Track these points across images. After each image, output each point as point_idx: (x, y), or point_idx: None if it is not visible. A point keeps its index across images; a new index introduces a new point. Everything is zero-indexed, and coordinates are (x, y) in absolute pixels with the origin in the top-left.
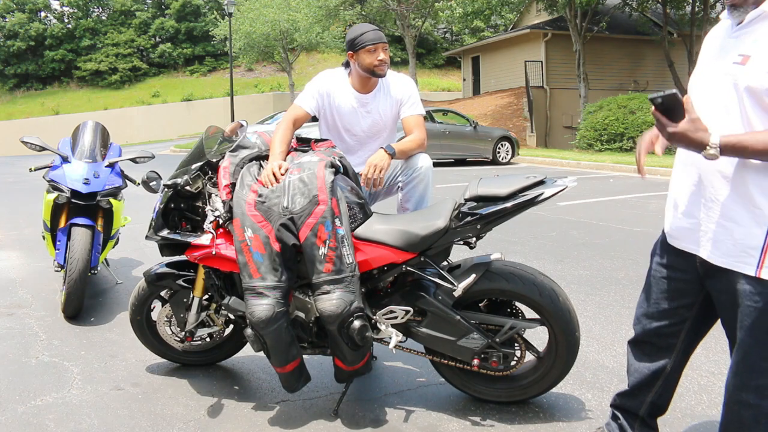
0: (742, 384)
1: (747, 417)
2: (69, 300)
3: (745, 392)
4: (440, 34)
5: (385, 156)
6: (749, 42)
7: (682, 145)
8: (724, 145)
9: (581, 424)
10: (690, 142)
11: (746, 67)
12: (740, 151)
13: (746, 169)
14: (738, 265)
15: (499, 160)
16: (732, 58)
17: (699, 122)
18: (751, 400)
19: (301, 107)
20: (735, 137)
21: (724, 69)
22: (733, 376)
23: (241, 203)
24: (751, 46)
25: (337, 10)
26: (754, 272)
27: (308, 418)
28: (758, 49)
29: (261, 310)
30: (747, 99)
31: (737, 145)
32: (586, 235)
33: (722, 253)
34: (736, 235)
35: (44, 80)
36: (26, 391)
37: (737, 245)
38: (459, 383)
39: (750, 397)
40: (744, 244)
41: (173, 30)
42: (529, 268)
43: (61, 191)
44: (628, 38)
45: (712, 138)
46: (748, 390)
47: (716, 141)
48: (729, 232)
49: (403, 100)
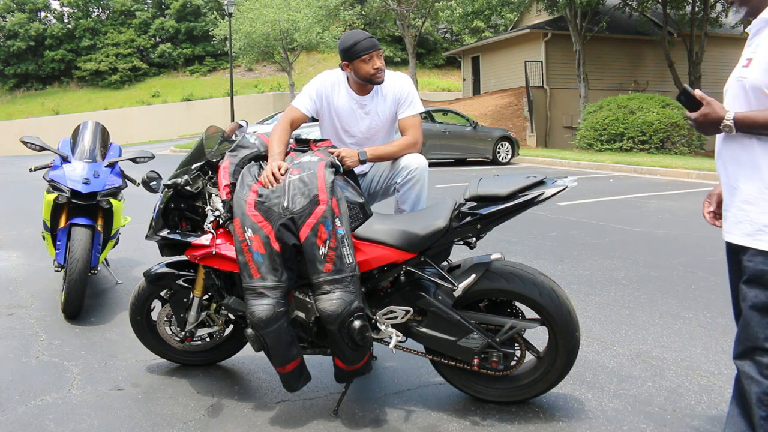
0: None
1: (751, 391)
2: (69, 300)
3: (747, 365)
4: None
5: (356, 156)
6: (754, 47)
7: (705, 125)
8: (737, 119)
9: (581, 424)
10: (710, 120)
11: (749, 69)
12: (751, 124)
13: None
14: (753, 242)
15: (499, 160)
16: (741, 63)
17: (715, 103)
18: (753, 374)
19: (298, 109)
20: (747, 112)
21: (737, 73)
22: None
23: (242, 203)
24: (755, 50)
25: (337, 10)
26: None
27: (308, 418)
28: (759, 51)
29: (261, 310)
30: (753, 97)
31: (748, 118)
32: (586, 235)
33: (740, 232)
34: (752, 215)
35: (44, 80)
36: (26, 391)
37: (753, 224)
38: (459, 383)
39: (752, 370)
40: (759, 222)
41: (173, 30)
42: (529, 268)
43: (61, 191)
44: (628, 38)
45: (727, 114)
46: (751, 363)
47: (731, 116)
48: (746, 213)
49: (400, 100)
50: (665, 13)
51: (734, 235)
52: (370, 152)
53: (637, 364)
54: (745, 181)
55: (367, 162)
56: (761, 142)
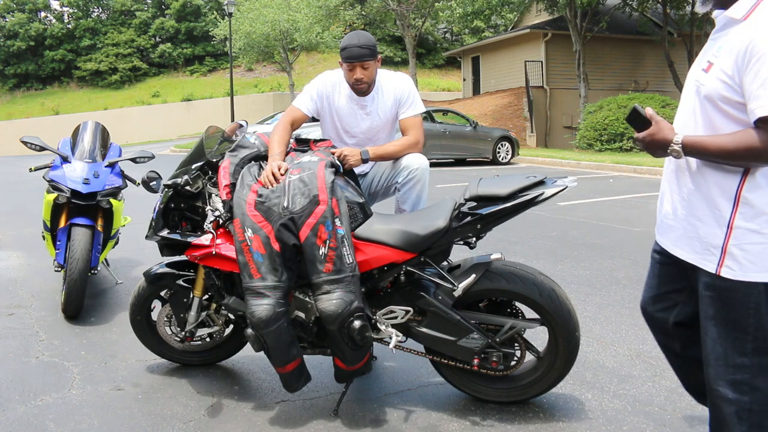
0: (717, 376)
1: (729, 413)
2: (69, 300)
3: (722, 386)
4: (440, 34)
5: (358, 155)
6: (716, 49)
7: (653, 146)
8: (685, 144)
9: (581, 424)
10: (657, 142)
11: (708, 75)
12: (701, 151)
13: (709, 171)
14: (702, 262)
15: (499, 160)
16: (701, 64)
17: (663, 123)
18: (730, 395)
19: (299, 109)
20: (697, 138)
21: (695, 74)
22: (707, 367)
23: (242, 203)
24: (716, 54)
25: (337, 10)
26: (714, 270)
27: (308, 418)
28: (720, 56)
29: (261, 310)
30: (708, 105)
31: (698, 144)
32: (586, 235)
33: (691, 250)
34: (701, 233)
35: (44, 80)
36: (26, 391)
37: (702, 243)
38: (459, 383)
39: (728, 392)
40: (707, 242)
41: (173, 30)
42: (529, 268)
43: (61, 191)
44: (628, 38)
45: (675, 138)
46: (725, 384)
47: (679, 140)
48: (696, 229)
49: (401, 101)
50: (665, 13)
51: (680, 248)
52: (373, 151)
53: (637, 364)
54: (698, 197)
55: (369, 161)
56: (713, 167)
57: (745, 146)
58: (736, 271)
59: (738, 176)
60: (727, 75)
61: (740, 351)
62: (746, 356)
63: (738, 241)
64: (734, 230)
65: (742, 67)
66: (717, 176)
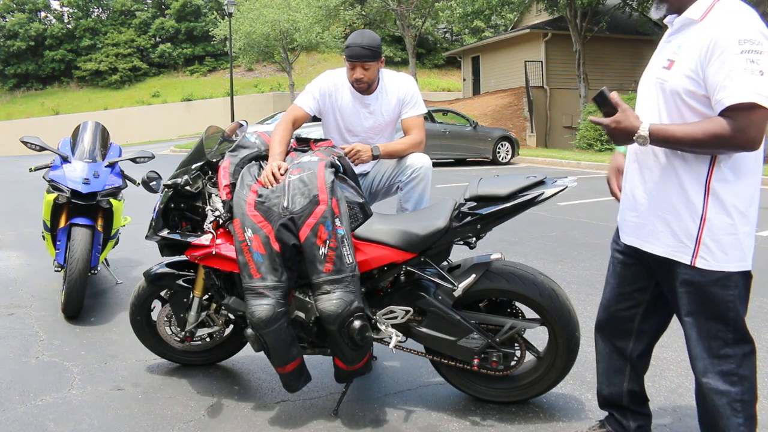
0: (705, 369)
1: (722, 405)
2: (69, 300)
3: (712, 378)
4: (440, 34)
5: (369, 151)
6: (675, 47)
7: (617, 134)
8: (652, 132)
9: (581, 424)
10: (622, 129)
11: (671, 72)
12: (668, 139)
13: (678, 162)
14: (676, 254)
15: (499, 160)
16: (662, 63)
17: (629, 111)
18: (721, 387)
19: (301, 108)
20: (664, 125)
21: (656, 73)
22: (694, 361)
23: (241, 203)
24: (677, 51)
25: (337, 10)
26: (689, 261)
27: (308, 418)
28: (681, 54)
29: (261, 310)
30: (673, 100)
31: (665, 132)
32: (586, 235)
33: (663, 244)
34: (674, 227)
35: (44, 80)
36: (26, 391)
37: (675, 236)
38: (459, 383)
39: (718, 384)
40: (681, 235)
41: (173, 30)
42: (529, 268)
43: (61, 191)
44: (628, 38)
45: (642, 125)
46: (715, 375)
47: (645, 128)
48: (667, 224)
49: (405, 101)
50: None
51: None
52: (383, 148)
53: None
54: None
55: (380, 158)
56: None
57: (712, 133)
58: (710, 261)
59: (706, 166)
60: (691, 70)
61: (723, 341)
62: (729, 346)
63: (711, 232)
64: (707, 222)
65: (705, 61)
66: (685, 167)
